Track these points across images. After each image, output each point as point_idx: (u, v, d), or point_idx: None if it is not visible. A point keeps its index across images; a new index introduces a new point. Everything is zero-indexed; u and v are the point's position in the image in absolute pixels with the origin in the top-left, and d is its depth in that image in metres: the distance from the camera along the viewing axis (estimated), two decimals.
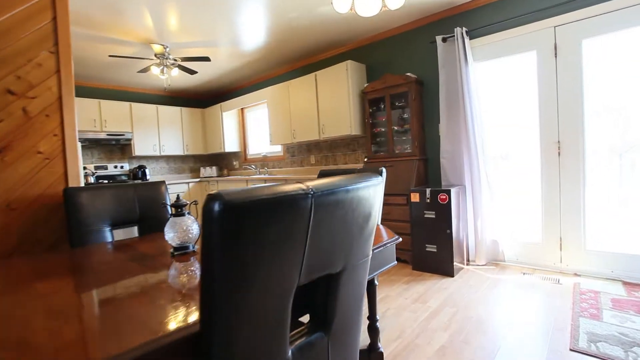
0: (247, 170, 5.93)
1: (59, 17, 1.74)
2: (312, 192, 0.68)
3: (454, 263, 2.98)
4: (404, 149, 3.69)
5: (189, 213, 1.37)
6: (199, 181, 5.73)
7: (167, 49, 3.84)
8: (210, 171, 6.15)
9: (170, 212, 1.34)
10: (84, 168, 4.94)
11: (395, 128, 3.69)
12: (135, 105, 5.27)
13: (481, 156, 3.18)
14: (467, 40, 3.19)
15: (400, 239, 1.39)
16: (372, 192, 0.90)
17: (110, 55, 3.52)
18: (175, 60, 3.92)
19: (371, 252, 0.98)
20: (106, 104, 4.98)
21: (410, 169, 3.45)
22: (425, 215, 3.09)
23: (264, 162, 5.57)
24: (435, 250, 3.05)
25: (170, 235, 1.31)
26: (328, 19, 3.44)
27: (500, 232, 3.21)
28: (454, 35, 3.28)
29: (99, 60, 4.18)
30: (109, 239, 1.76)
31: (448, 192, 2.95)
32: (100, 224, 1.74)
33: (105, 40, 3.57)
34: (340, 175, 1.98)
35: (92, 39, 3.52)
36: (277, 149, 5.38)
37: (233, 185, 5.06)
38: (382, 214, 3.54)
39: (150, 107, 5.45)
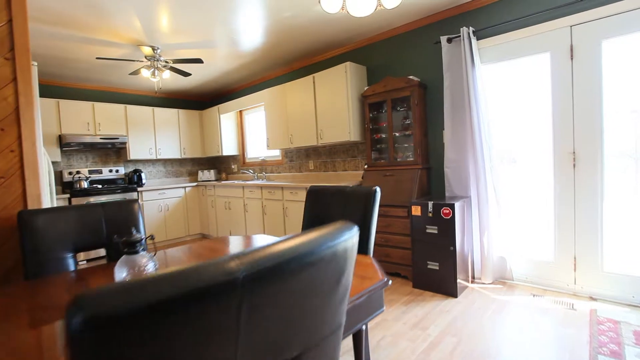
0: (245, 175, 5.76)
1: (15, 20, 1.57)
2: (241, 276, 0.48)
3: (458, 281, 2.77)
4: (406, 157, 3.47)
5: (144, 250, 1.19)
6: (196, 185, 5.58)
7: (158, 51, 3.67)
8: (208, 175, 5.99)
9: (121, 248, 1.16)
10: (77, 172, 4.82)
11: (397, 134, 3.47)
12: (130, 107, 5.12)
13: (488, 166, 2.95)
14: (474, 41, 2.96)
15: (390, 282, 1.20)
16: (344, 248, 0.70)
17: (97, 58, 3.36)
18: (167, 62, 3.75)
19: (344, 319, 0.79)
20: (100, 106, 4.84)
21: (412, 178, 3.23)
22: (427, 230, 2.88)
23: (263, 166, 5.39)
24: (437, 268, 2.83)
25: (122, 277, 1.13)
26: (325, 19, 3.23)
27: (509, 248, 2.98)
28: (459, 36, 3.05)
29: (90, 62, 4.03)
30: (71, 267, 1.60)
31: (452, 207, 2.73)
32: (61, 250, 1.57)
33: (94, 41, 3.41)
34: (333, 191, 1.75)
35: (79, 40, 3.37)
36: (276, 153, 5.20)
37: (229, 191, 4.90)
38: (381, 227, 3.33)
39: (146, 110, 5.30)
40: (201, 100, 6.49)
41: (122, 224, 1.76)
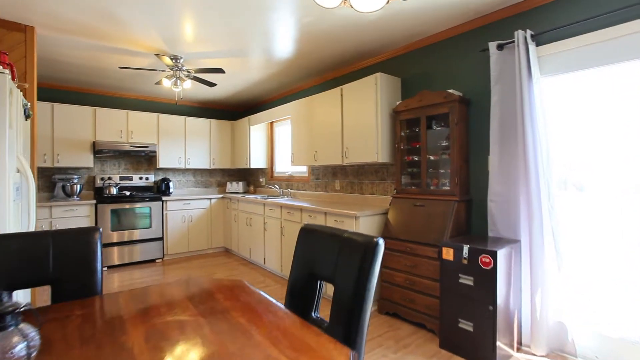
0: (271, 190, 5.51)
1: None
2: None
3: (498, 345, 2.17)
4: (441, 185, 2.92)
5: (18, 323, 0.88)
6: (222, 198, 5.44)
7: (181, 60, 3.56)
8: (236, 186, 5.85)
9: None
10: (109, 178, 4.91)
11: (431, 158, 2.95)
12: (162, 116, 5.15)
13: (546, 204, 2.32)
14: (532, 47, 2.38)
15: None
16: None
17: (120, 67, 3.31)
18: (189, 71, 3.63)
19: None
20: (134, 114, 4.91)
21: (447, 212, 2.69)
22: (461, 281, 2.32)
23: (289, 182, 5.10)
24: (471, 329, 2.25)
25: None
26: (350, 23, 2.86)
27: (571, 313, 2.30)
28: (513, 41, 2.49)
29: (121, 72, 4.07)
30: None
31: (493, 255, 2.15)
32: None
33: (120, 51, 3.38)
34: (328, 234, 1.33)
35: (105, 50, 3.35)
36: (303, 169, 4.87)
37: (251, 207, 4.66)
38: (407, 267, 2.81)
39: (179, 119, 5.30)
40: (234, 110, 6.42)
41: (74, 258, 1.51)
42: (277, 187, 5.23)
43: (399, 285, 2.88)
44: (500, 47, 2.59)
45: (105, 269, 4.47)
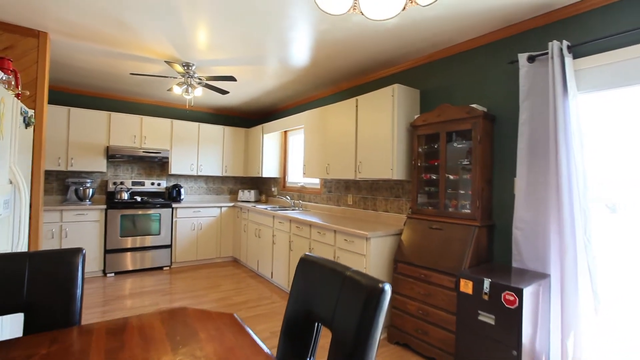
0: (282, 201, 5.37)
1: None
2: None
3: None
4: (461, 208, 2.69)
5: None
6: (232, 206, 5.34)
7: (193, 67, 3.48)
8: (248, 195, 5.74)
9: None
10: (121, 183, 4.90)
11: (451, 177, 2.72)
12: (176, 122, 5.12)
13: (581, 236, 2.05)
14: (568, 59, 2.14)
15: None
16: None
17: (131, 74, 3.26)
18: (200, 79, 3.55)
19: None
20: (148, 120, 4.90)
21: (466, 238, 2.45)
22: (481, 318, 2.07)
23: (301, 193, 4.94)
24: None
25: None
26: (366, 32, 2.69)
27: None
28: (547, 53, 2.25)
29: (135, 77, 4.04)
30: None
31: (519, 293, 1.91)
32: None
33: (131, 57, 3.34)
34: (329, 268, 1.14)
35: (117, 56, 3.32)
36: (316, 181, 4.71)
37: (261, 217, 4.52)
38: (420, 295, 2.59)
39: (192, 125, 5.26)
40: (248, 117, 6.35)
41: (52, 283, 1.39)
42: (288, 198, 5.08)
43: (411, 314, 2.65)
44: (531, 59, 2.35)
45: (112, 274, 4.43)
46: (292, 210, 4.64)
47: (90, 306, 3.41)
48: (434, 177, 2.85)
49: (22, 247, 1.95)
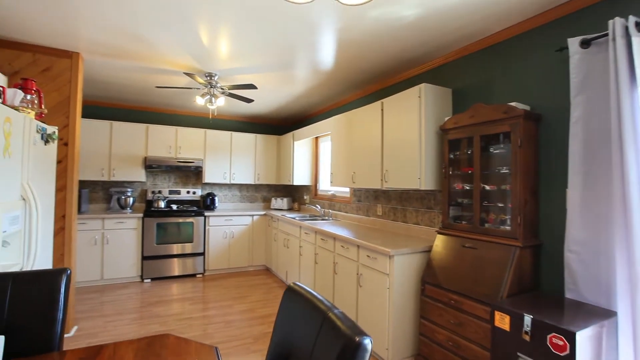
0: (313, 210, 5.21)
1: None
2: None
3: None
4: (499, 224, 2.30)
5: None
6: (264, 215, 5.30)
7: (215, 77, 3.48)
8: (280, 203, 5.68)
9: None
10: (159, 192, 5.11)
11: (487, 187, 2.34)
12: (209, 132, 5.23)
13: None
14: (637, 39, 1.70)
15: None
16: None
17: (157, 87, 3.34)
18: (223, 89, 3.53)
19: None
20: (182, 130, 5.06)
21: (504, 260, 2.07)
22: None
23: (331, 202, 4.75)
24: None
25: None
26: (386, 29, 2.43)
27: None
28: (607, 34, 1.82)
29: (166, 89, 4.17)
30: None
31: (571, 337, 1.52)
32: None
33: (157, 71, 3.43)
34: (312, 304, 1.00)
35: (145, 70, 3.42)
36: (345, 190, 4.49)
37: (289, 228, 4.41)
38: (449, 324, 2.25)
39: (224, 134, 5.34)
40: (280, 124, 6.30)
41: (32, 305, 1.36)
42: (318, 207, 4.91)
43: (440, 344, 2.32)
44: (585, 44, 1.93)
45: (149, 280, 4.60)
46: (322, 220, 4.46)
47: (123, 312, 3.53)
48: (468, 188, 2.49)
49: (36, 259, 2.01)
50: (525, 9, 2.13)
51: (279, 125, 6.28)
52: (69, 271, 1.46)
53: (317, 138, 5.32)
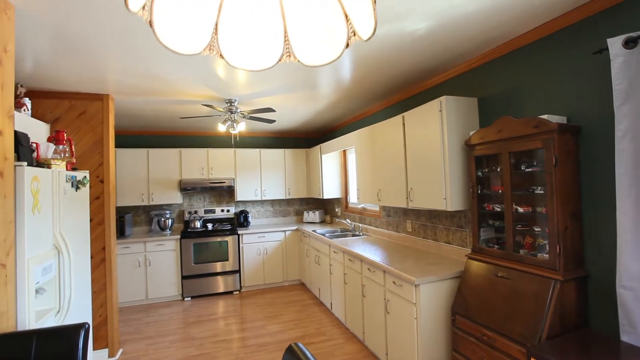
0: (343, 224, 5.12)
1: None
2: None
3: None
4: (538, 249, 2.05)
5: None
6: (296, 230, 5.31)
7: (235, 102, 3.53)
8: (313, 216, 5.66)
9: None
10: (195, 212, 5.32)
11: (520, 210, 2.11)
12: (239, 151, 5.35)
13: None
14: None
15: None
16: None
17: (181, 118, 3.47)
18: (244, 113, 3.58)
19: None
20: (213, 151, 5.23)
21: (542, 294, 1.84)
22: None
23: (362, 215, 4.63)
24: None
25: None
26: (400, 41, 2.29)
27: None
28: None
29: (195, 115, 4.33)
30: None
31: None
32: None
33: (180, 102, 3.56)
34: None
35: (170, 102, 3.56)
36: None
37: (319, 245, 4.36)
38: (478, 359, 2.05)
39: (253, 152, 5.43)
40: (308, 137, 6.28)
41: None
42: (348, 221, 4.81)
43: None
44: (630, 44, 1.65)
45: (189, 298, 4.80)
46: (352, 236, 4.37)
47: (164, 334, 3.71)
48: (498, 209, 2.26)
49: (71, 302, 2.15)
50: (555, 5, 1.88)
51: (307, 137, 6.27)
52: (87, 325, 1.53)
53: (344, 150, 5.22)
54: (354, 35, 0.77)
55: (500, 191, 2.24)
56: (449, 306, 2.44)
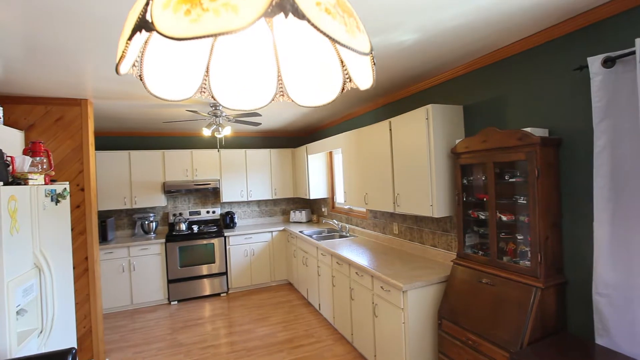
0: (331, 225, 5.15)
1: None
2: None
3: None
4: (519, 257, 2.13)
5: None
6: (283, 230, 5.31)
7: (220, 107, 3.47)
8: (300, 215, 5.67)
9: None
10: (180, 214, 5.24)
11: (504, 218, 2.18)
12: (224, 151, 5.27)
13: None
14: None
15: None
16: None
17: (164, 122, 3.38)
18: (229, 118, 3.52)
19: None
20: (197, 153, 5.13)
21: (524, 301, 1.92)
22: None
23: (349, 216, 4.66)
24: None
25: None
26: (386, 49, 2.29)
27: None
28: (634, 52, 1.61)
29: (179, 117, 4.23)
30: None
31: None
32: None
33: (164, 105, 3.46)
34: None
35: (152, 106, 3.46)
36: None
37: (306, 246, 4.38)
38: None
39: (239, 152, 5.37)
40: (294, 136, 6.24)
41: None
42: (335, 221, 4.84)
43: None
44: (608, 63, 1.71)
45: (175, 302, 4.75)
46: (340, 237, 4.41)
47: (151, 341, 3.66)
48: (483, 217, 2.33)
49: (54, 320, 2.09)
50: (538, 20, 1.92)
51: (293, 137, 6.23)
52: (74, 351, 1.50)
53: (331, 151, 5.22)
54: (350, 81, 0.77)
55: (484, 199, 2.30)
56: (436, 310, 2.51)
